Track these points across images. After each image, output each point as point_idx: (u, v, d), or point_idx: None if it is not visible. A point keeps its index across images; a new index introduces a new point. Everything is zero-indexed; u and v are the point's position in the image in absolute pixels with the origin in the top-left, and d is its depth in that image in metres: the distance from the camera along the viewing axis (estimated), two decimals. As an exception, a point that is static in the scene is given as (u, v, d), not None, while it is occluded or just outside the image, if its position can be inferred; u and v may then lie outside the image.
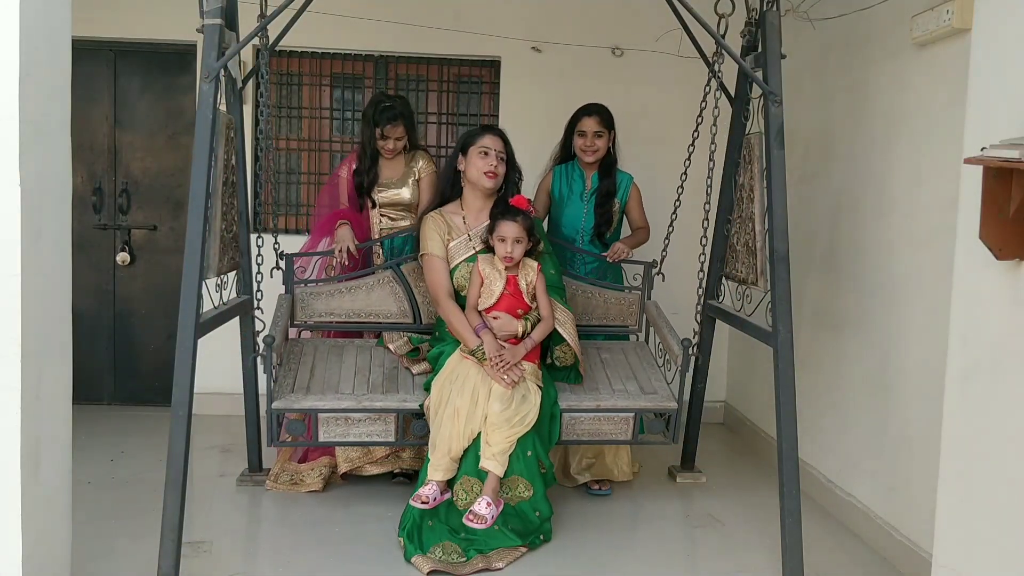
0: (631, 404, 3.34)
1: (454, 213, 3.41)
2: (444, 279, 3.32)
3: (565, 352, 3.36)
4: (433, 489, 3.03)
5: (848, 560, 3.18)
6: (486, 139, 3.34)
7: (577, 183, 3.88)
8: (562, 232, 3.89)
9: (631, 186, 3.88)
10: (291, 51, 4.69)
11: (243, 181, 3.44)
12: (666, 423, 3.39)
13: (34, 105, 2.21)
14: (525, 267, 3.27)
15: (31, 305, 2.21)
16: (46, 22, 2.27)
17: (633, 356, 3.72)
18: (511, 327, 3.21)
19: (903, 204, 3.18)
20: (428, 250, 3.34)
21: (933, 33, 2.93)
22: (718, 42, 3.04)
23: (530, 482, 3.09)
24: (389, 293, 3.65)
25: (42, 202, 2.27)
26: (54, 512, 2.41)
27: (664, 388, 3.45)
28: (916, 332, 3.06)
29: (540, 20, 4.70)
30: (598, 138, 3.77)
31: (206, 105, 2.73)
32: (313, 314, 3.64)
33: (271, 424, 3.19)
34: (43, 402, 2.30)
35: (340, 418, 3.19)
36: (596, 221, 3.83)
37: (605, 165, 3.84)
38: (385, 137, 3.72)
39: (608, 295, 3.83)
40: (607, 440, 3.39)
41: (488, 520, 2.95)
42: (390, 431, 3.24)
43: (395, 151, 3.78)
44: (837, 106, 3.75)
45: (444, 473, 3.06)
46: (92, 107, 4.73)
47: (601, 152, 3.80)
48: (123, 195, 4.83)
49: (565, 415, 3.28)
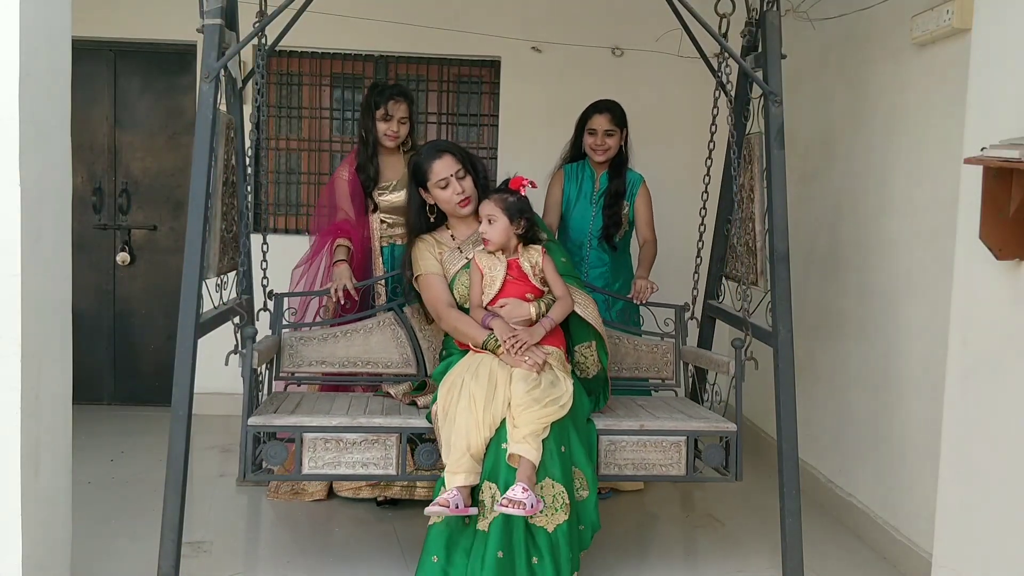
0: (681, 426, 2.85)
1: (440, 232, 3.10)
2: (444, 293, 2.97)
3: (586, 357, 2.92)
4: (455, 495, 2.47)
5: (848, 560, 3.18)
6: (436, 167, 2.95)
7: (587, 184, 3.77)
8: (569, 236, 3.76)
9: (641, 186, 3.77)
10: (291, 51, 4.70)
11: (243, 181, 3.44)
12: (726, 450, 2.88)
13: (34, 105, 2.20)
14: (528, 250, 2.92)
15: (31, 305, 2.21)
16: (46, 22, 2.27)
17: (676, 403, 3.27)
18: (521, 311, 2.81)
19: (903, 204, 3.19)
20: (423, 270, 2.99)
21: (933, 33, 2.93)
22: (719, 42, 3.03)
23: (587, 478, 2.64)
24: (390, 338, 3.21)
25: (42, 202, 2.27)
26: (54, 512, 2.41)
27: (717, 417, 3.00)
28: (916, 332, 3.06)
29: (540, 20, 4.70)
30: (609, 136, 3.67)
31: (206, 105, 2.72)
32: (303, 363, 3.19)
33: (244, 449, 2.73)
34: (43, 402, 2.30)
35: (331, 440, 2.73)
36: (604, 223, 3.70)
37: (615, 164, 3.74)
38: (388, 117, 3.50)
39: (639, 342, 3.36)
40: (655, 475, 2.85)
41: (528, 507, 2.38)
42: (391, 459, 2.75)
43: (397, 136, 3.55)
44: (837, 106, 3.75)
45: (466, 476, 2.52)
46: (92, 107, 4.74)
47: (612, 151, 3.69)
48: (123, 195, 4.83)
49: (603, 438, 2.78)
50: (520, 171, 3.43)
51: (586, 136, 3.72)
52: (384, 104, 3.49)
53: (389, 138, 3.55)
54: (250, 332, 2.81)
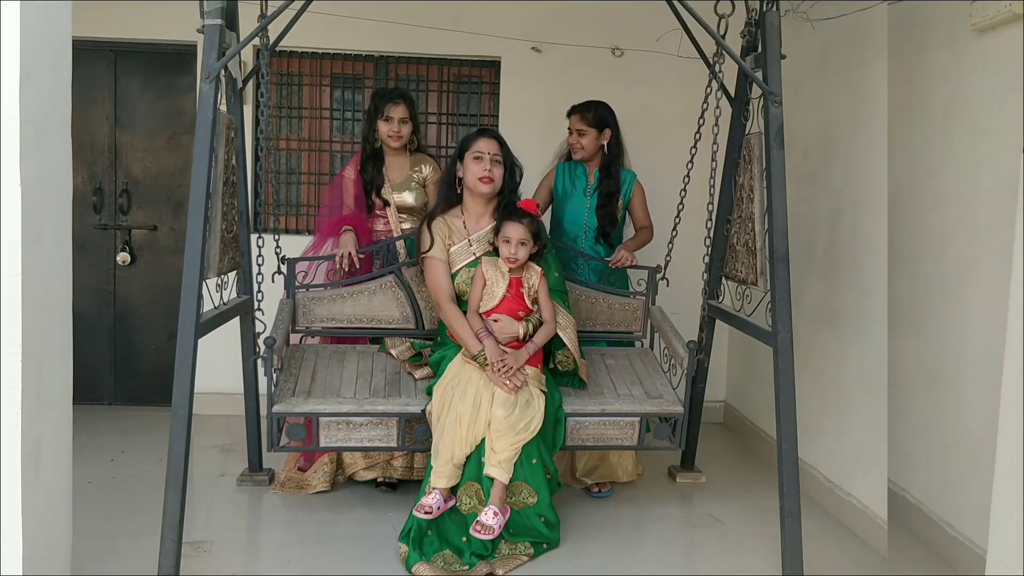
0: (636, 408, 3.31)
1: (455, 217, 3.38)
2: (446, 282, 3.30)
3: (567, 356, 3.33)
4: (436, 498, 3.01)
5: (848, 560, 3.18)
6: (480, 143, 3.31)
7: (580, 179, 3.88)
8: (564, 229, 3.88)
9: (634, 183, 3.87)
10: (291, 51, 4.70)
11: (243, 181, 3.45)
12: (672, 428, 3.36)
13: (35, 106, 2.21)
14: (529, 270, 3.26)
15: (32, 305, 2.22)
16: (47, 23, 2.27)
17: (638, 362, 3.69)
18: (512, 329, 3.18)
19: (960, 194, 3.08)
20: (431, 253, 3.32)
21: (993, 19, 2.84)
22: (718, 42, 3.04)
23: (535, 488, 3.07)
24: (391, 298, 3.64)
25: (43, 202, 2.27)
26: (55, 511, 2.42)
27: (670, 393, 3.43)
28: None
29: (540, 20, 4.70)
30: (581, 136, 3.79)
31: (206, 105, 2.73)
32: (315, 319, 3.62)
33: (271, 429, 3.15)
34: (44, 401, 2.30)
35: (341, 422, 3.16)
36: (600, 223, 3.82)
37: (605, 164, 3.83)
38: (388, 119, 3.67)
39: (612, 300, 3.81)
40: (612, 445, 3.34)
41: (495, 530, 2.95)
42: (392, 436, 3.20)
43: (399, 137, 3.71)
44: (837, 106, 3.75)
45: (448, 480, 3.04)
46: (92, 107, 4.74)
47: (588, 151, 3.80)
48: (123, 195, 4.84)
49: (569, 420, 3.24)
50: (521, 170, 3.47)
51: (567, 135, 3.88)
52: (384, 107, 3.67)
53: (393, 139, 3.71)
54: (270, 341, 3.09)
